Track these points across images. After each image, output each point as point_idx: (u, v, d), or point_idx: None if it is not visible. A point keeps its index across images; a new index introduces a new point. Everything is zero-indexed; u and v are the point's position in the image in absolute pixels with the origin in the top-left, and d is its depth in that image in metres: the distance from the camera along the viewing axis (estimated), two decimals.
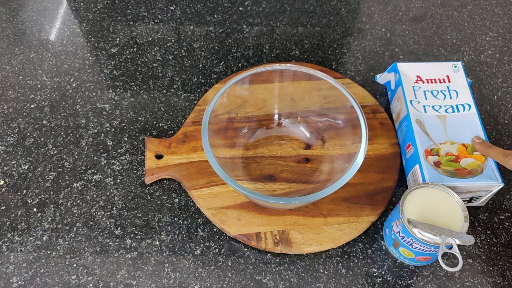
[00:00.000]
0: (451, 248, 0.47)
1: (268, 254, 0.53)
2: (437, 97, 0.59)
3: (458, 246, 0.53)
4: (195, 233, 0.55)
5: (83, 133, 0.63)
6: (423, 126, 0.57)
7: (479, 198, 0.54)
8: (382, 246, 0.54)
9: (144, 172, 0.59)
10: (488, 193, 0.53)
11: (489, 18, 0.79)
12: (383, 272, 0.52)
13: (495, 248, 0.54)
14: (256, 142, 0.61)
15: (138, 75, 0.70)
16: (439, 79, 0.61)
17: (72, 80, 0.69)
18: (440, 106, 0.58)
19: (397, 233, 0.50)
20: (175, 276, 0.52)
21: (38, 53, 0.73)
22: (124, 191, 0.58)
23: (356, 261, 0.53)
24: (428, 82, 0.61)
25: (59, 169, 0.60)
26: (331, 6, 0.81)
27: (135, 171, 0.60)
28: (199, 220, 0.56)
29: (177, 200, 0.57)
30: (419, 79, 0.61)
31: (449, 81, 0.61)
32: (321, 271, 0.52)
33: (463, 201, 0.55)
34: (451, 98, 0.59)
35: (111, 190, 0.58)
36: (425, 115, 0.58)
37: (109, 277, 0.51)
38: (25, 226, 0.55)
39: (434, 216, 0.48)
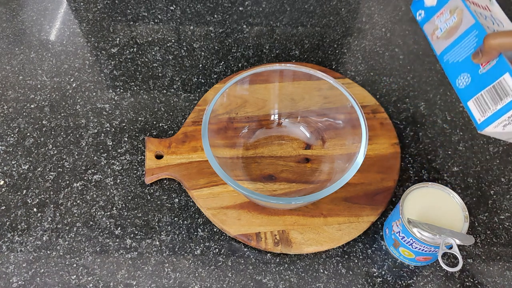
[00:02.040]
0: (451, 248, 0.47)
1: (268, 254, 0.53)
2: (486, 19, 0.53)
3: (458, 246, 0.53)
4: (195, 233, 0.55)
5: (83, 133, 0.63)
6: None
7: None
8: (382, 246, 0.54)
9: (144, 172, 0.59)
10: None
11: None
12: (383, 272, 0.52)
13: (495, 248, 0.54)
14: (256, 142, 0.61)
15: (138, 75, 0.70)
16: (481, 5, 0.55)
17: (72, 80, 0.69)
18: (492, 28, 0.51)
19: (397, 233, 0.50)
20: (175, 276, 0.52)
21: (38, 53, 0.73)
22: (124, 191, 0.58)
23: (356, 261, 0.53)
24: (474, 4, 0.54)
25: (59, 169, 0.60)
26: (331, 6, 0.81)
27: (135, 171, 0.60)
28: (199, 220, 0.56)
29: (177, 200, 0.57)
30: None
31: (489, 10, 0.54)
32: (321, 271, 0.52)
33: None
34: (498, 25, 0.52)
35: (111, 190, 0.58)
36: (491, 26, 0.50)
37: (109, 277, 0.51)
38: (25, 226, 0.55)
39: (434, 216, 0.48)
